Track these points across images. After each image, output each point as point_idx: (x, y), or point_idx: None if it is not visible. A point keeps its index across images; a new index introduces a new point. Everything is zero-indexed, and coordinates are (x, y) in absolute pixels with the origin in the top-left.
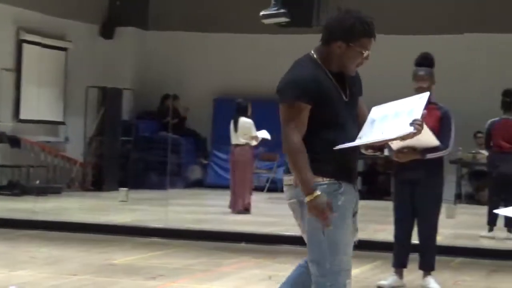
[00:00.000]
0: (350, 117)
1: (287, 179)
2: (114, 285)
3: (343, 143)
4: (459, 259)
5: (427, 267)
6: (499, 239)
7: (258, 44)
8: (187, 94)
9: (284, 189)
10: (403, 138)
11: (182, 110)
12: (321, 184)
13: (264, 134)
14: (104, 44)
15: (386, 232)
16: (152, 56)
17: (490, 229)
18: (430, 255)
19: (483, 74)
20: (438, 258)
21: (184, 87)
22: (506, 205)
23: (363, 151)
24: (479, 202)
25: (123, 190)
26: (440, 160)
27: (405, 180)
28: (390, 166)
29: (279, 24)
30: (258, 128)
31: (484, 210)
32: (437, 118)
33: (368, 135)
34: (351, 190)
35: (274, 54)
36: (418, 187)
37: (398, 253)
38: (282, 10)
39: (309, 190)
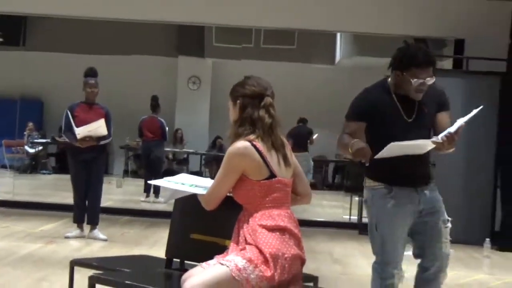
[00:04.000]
0: (413, 135)
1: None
2: None
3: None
4: (125, 218)
5: (93, 222)
6: (152, 202)
7: None
8: None
9: None
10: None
11: None
12: (374, 188)
13: None
14: None
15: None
16: None
17: (147, 196)
18: (95, 213)
19: (136, 89)
20: (110, 217)
21: None
22: (155, 178)
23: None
24: (141, 176)
25: None
26: (105, 145)
27: (81, 159)
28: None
29: None
30: None
31: (143, 182)
32: (103, 115)
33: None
34: (405, 194)
35: None
36: (90, 165)
37: (77, 212)
38: None
39: (347, 147)
